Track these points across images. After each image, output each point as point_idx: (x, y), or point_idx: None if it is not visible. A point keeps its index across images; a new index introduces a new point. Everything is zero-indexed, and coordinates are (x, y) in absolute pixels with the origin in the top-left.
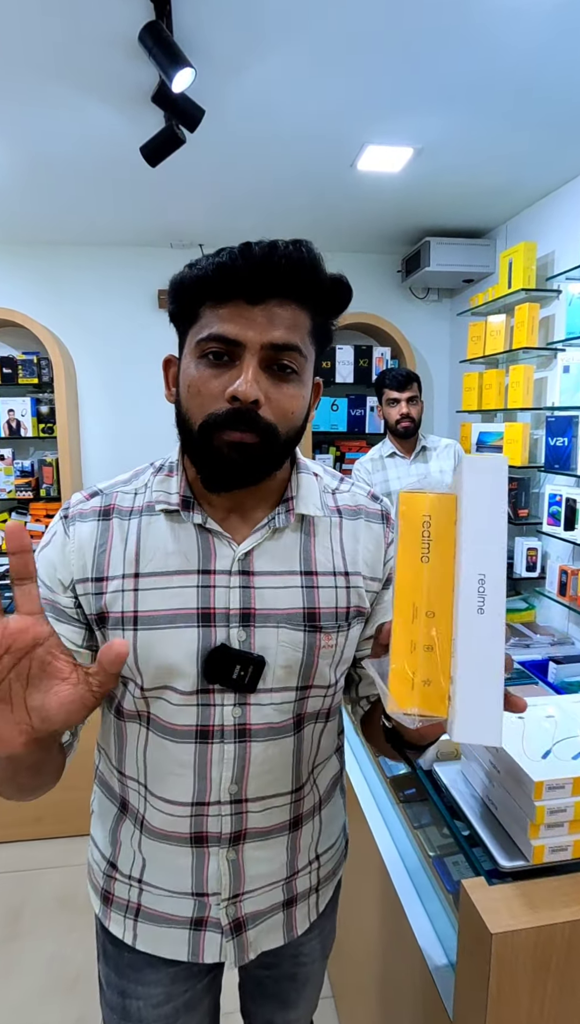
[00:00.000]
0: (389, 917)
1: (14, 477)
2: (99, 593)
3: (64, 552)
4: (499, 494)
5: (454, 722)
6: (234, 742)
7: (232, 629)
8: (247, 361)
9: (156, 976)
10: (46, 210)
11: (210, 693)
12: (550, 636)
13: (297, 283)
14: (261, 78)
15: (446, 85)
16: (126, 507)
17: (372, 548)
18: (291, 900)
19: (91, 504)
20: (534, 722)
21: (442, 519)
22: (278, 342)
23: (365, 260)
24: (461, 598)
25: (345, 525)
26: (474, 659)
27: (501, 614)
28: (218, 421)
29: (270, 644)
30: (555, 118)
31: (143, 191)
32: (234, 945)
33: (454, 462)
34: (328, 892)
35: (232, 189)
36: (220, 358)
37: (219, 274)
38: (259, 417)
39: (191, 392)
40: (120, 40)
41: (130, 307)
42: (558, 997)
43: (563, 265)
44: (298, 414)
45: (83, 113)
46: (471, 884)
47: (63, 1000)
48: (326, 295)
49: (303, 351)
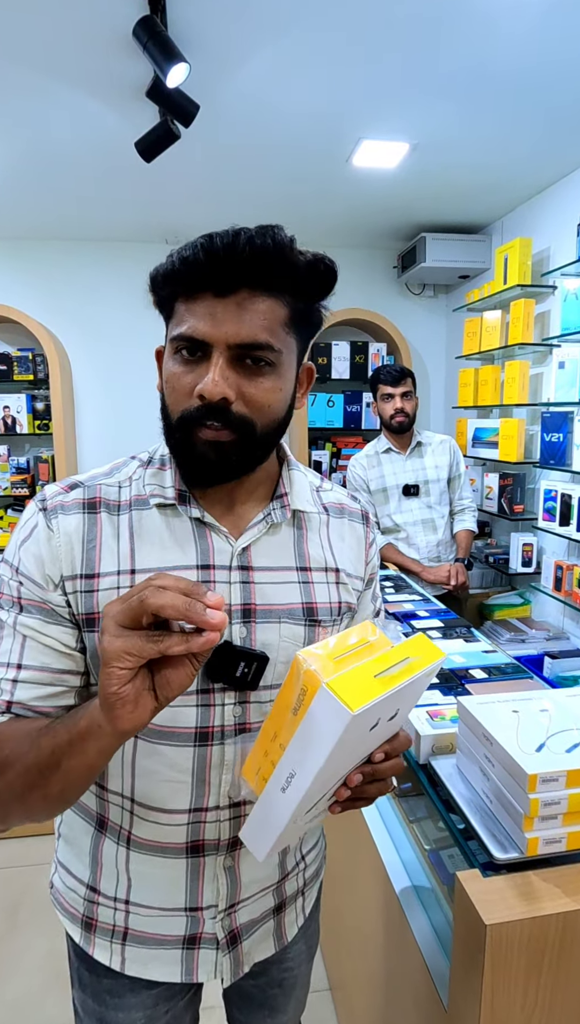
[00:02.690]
0: (385, 910)
1: (10, 474)
2: (90, 591)
3: (51, 546)
4: (328, 733)
5: (245, 826)
6: (234, 742)
7: (233, 625)
8: (214, 359)
9: (137, 1000)
10: (40, 206)
11: (210, 693)
12: (545, 631)
13: (265, 272)
14: (256, 73)
15: (442, 81)
16: (113, 500)
17: (355, 547)
18: (281, 905)
19: (72, 496)
20: (528, 716)
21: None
22: (246, 341)
23: (361, 256)
24: (273, 778)
25: (332, 523)
26: (265, 811)
27: (297, 798)
28: (191, 417)
29: (272, 640)
30: (551, 114)
31: (138, 186)
32: (230, 959)
33: (449, 457)
34: (312, 895)
35: (227, 184)
36: (192, 354)
37: (184, 269)
38: (231, 412)
39: (168, 387)
40: (114, 35)
41: (125, 303)
42: (551, 987)
43: (558, 261)
44: (277, 407)
45: (77, 108)
46: (466, 876)
47: (60, 996)
48: (302, 280)
49: (275, 346)
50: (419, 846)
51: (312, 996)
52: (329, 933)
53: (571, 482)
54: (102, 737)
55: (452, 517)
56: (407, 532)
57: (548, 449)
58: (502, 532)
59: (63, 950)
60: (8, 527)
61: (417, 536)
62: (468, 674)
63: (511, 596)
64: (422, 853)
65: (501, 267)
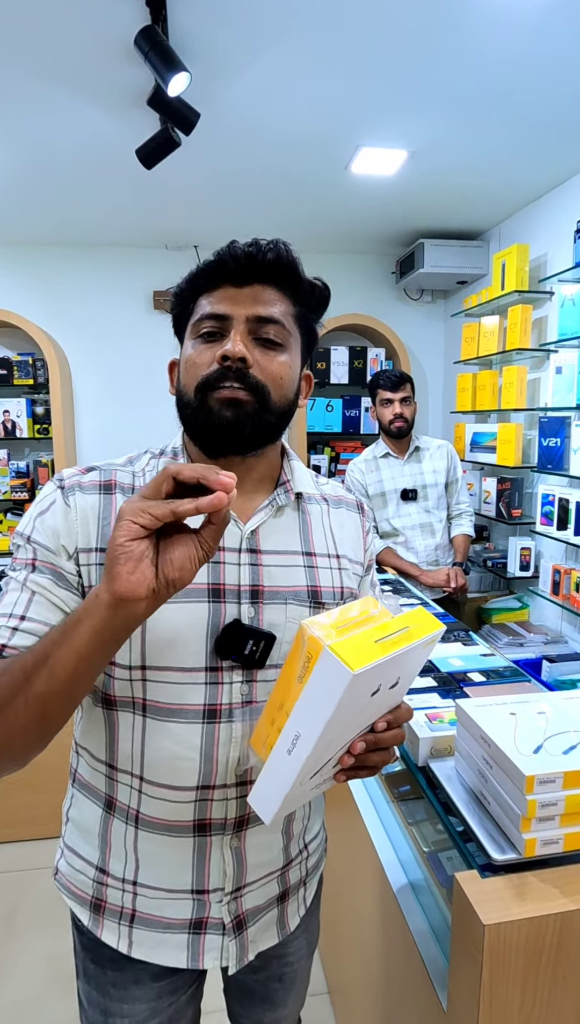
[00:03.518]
0: (384, 911)
1: (9, 478)
2: (102, 564)
3: (67, 519)
4: (330, 694)
5: (253, 790)
6: (242, 721)
7: (242, 605)
8: (235, 328)
9: (141, 992)
10: (42, 211)
11: (218, 671)
12: (543, 635)
13: (278, 270)
14: (256, 81)
15: (440, 88)
16: (128, 484)
17: (354, 535)
18: (284, 894)
19: (89, 478)
20: (526, 718)
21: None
22: (262, 314)
23: (359, 261)
24: (280, 740)
25: (332, 512)
26: (272, 774)
27: (302, 759)
28: (210, 380)
29: (278, 620)
30: (547, 121)
31: (138, 193)
32: (236, 945)
33: (447, 462)
34: (313, 886)
35: (226, 191)
36: (213, 335)
37: (210, 267)
38: (249, 375)
39: (187, 367)
40: (116, 44)
41: (125, 308)
42: (549, 987)
43: (556, 267)
44: (288, 383)
45: (79, 115)
46: (464, 877)
47: (60, 999)
48: (304, 291)
49: (286, 325)
50: (418, 848)
51: (311, 1000)
52: (328, 936)
53: (569, 486)
54: (96, 611)
55: (450, 521)
56: (405, 536)
57: (546, 454)
58: (500, 536)
59: (62, 953)
60: (8, 531)
61: (415, 540)
62: (466, 677)
63: (509, 600)
64: (421, 855)
65: (499, 273)
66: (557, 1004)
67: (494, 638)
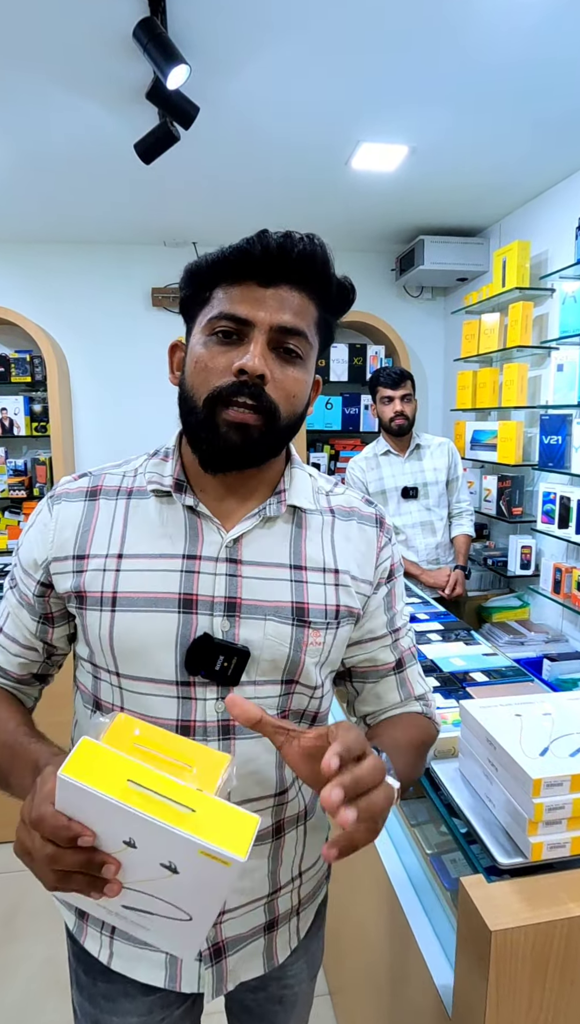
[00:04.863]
0: (387, 914)
1: (7, 476)
2: (79, 571)
3: (45, 532)
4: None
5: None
6: (218, 739)
7: (216, 618)
8: (256, 338)
9: (131, 1006)
10: (39, 207)
11: (191, 686)
12: (544, 634)
13: (308, 272)
14: (256, 75)
15: (441, 84)
16: (113, 487)
17: (363, 549)
18: (272, 923)
19: (78, 484)
20: (531, 720)
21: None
22: (287, 325)
23: (359, 258)
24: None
25: (337, 525)
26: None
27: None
28: (223, 394)
29: (256, 637)
30: (549, 117)
31: (137, 189)
32: (213, 973)
33: (447, 460)
34: (309, 915)
35: (226, 186)
36: (229, 336)
37: (236, 256)
38: (264, 393)
39: (197, 368)
40: (115, 36)
41: (123, 305)
42: (557, 994)
43: (556, 264)
44: (300, 399)
45: (77, 109)
46: (470, 881)
47: (62, 1000)
48: (333, 291)
49: (309, 338)
50: (421, 850)
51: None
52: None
53: (570, 484)
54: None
55: (450, 520)
56: (406, 534)
57: (547, 451)
58: (501, 534)
59: (62, 955)
60: (5, 529)
61: (416, 539)
62: (468, 677)
63: (510, 598)
64: (424, 857)
65: (499, 270)
66: (565, 1011)
67: (494, 637)
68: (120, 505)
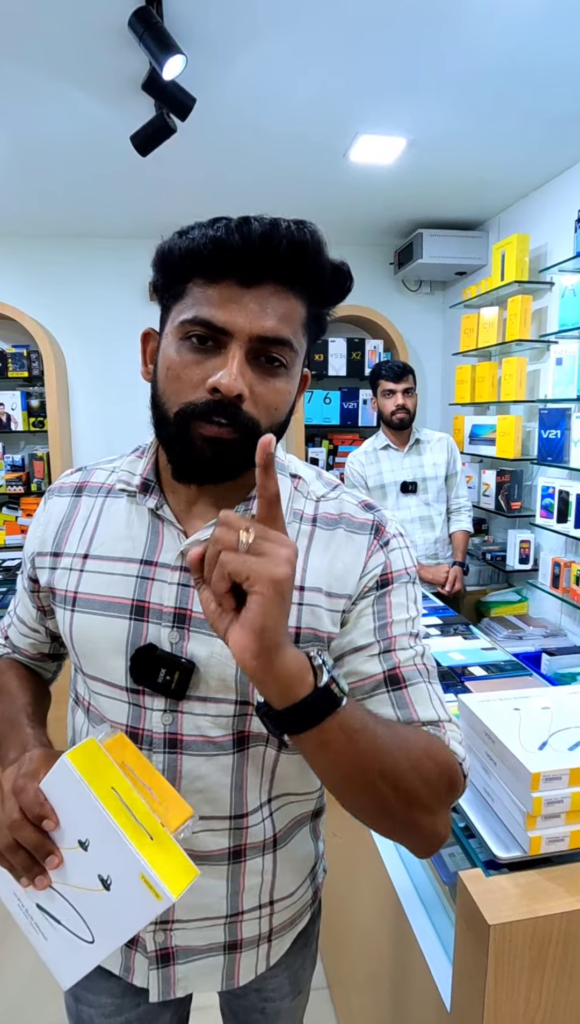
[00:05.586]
0: (386, 908)
1: (5, 471)
2: (53, 568)
3: (36, 525)
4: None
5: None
6: (164, 752)
7: (164, 628)
8: (233, 351)
9: (106, 985)
10: (34, 201)
11: (141, 694)
12: (543, 628)
13: (297, 268)
14: (253, 66)
15: (440, 76)
16: (98, 484)
17: (348, 560)
18: (235, 944)
19: (71, 479)
20: (530, 714)
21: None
22: (269, 335)
23: (357, 252)
24: None
25: (317, 535)
26: None
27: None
28: (196, 412)
29: (203, 653)
30: (548, 110)
31: (133, 181)
32: (158, 976)
33: (447, 455)
34: (285, 943)
35: (223, 178)
36: (204, 342)
37: (212, 249)
38: (240, 411)
39: (169, 376)
40: (110, 27)
41: (120, 300)
42: (555, 988)
43: (556, 257)
44: (282, 410)
45: (72, 101)
46: (468, 875)
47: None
48: (325, 283)
49: (295, 345)
50: None
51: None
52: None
53: (569, 479)
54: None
55: (449, 515)
56: (404, 529)
57: (546, 446)
58: (499, 529)
59: None
60: (3, 525)
61: (414, 533)
62: (467, 671)
63: (508, 593)
64: None
65: (498, 263)
66: (563, 1004)
67: (493, 632)
68: (97, 503)
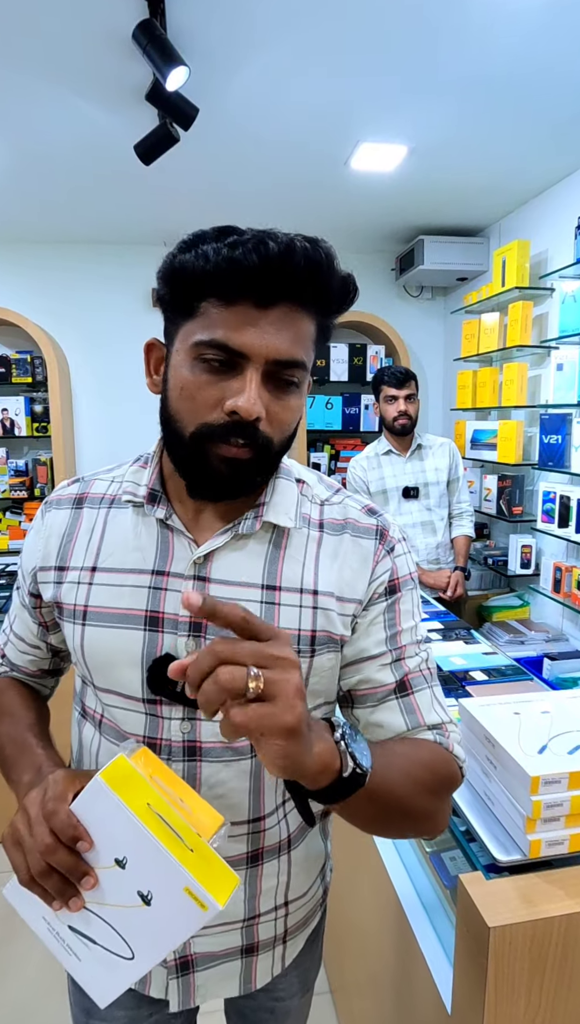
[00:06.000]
0: (387, 911)
1: (8, 477)
2: (58, 582)
3: (35, 540)
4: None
5: None
6: (183, 760)
7: (180, 637)
8: (249, 375)
9: (120, 999)
10: (39, 208)
11: (158, 704)
12: (544, 632)
13: (311, 288)
14: (255, 76)
15: (440, 84)
16: (99, 494)
17: (355, 566)
18: (251, 947)
19: (69, 491)
20: (530, 718)
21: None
22: (284, 358)
23: (359, 259)
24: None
25: (325, 540)
26: None
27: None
28: (214, 432)
29: None
30: (548, 116)
31: (137, 189)
32: (178, 985)
33: (449, 460)
34: (298, 943)
35: (225, 187)
36: (219, 363)
37: (228, 270)
38: (258, 432)
39: (184, 395)
40: (114, 38)
41: (124, 306)
42: (555, 990)
43: (556, 263)
44: (293, 425)
45: (77, 111)
46: (468, 879)
47: (60, 1001)
48: (334, 298)
49: (307, 365)
50: (420, 848)
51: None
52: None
53: (570, 484)
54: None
55: (450, 520)
56: (406, 534)
57: (547, 451)
58: (501, 534)
59: None
60: (6, 530)
61: (416, 538)
62: (468, 676)
63: (510, 598)
64: (423, 855)
65: (499, 269)
66: (563, 1007)
67: (494, 636)
68: (101, 515)
